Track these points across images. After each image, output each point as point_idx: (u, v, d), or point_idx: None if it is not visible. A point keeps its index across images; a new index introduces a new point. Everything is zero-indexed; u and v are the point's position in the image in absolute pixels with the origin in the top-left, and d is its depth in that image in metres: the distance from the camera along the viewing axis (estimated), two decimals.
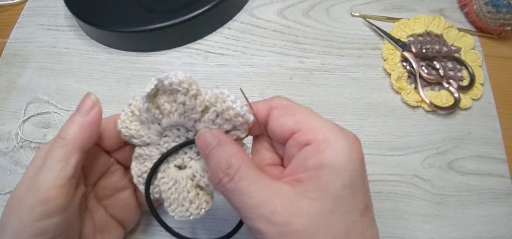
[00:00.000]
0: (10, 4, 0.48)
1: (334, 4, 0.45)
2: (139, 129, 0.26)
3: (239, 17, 0.45)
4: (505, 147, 0.36)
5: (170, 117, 0.24)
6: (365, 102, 0.39)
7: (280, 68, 0.41)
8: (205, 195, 0.26)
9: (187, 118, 0.24)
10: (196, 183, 0.25)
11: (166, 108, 0.24)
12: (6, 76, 0.43)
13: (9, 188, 0.36)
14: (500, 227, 0.33)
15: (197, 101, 0.24)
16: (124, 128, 0.26)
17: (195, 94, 0.23)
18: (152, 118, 0.25)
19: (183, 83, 0.23)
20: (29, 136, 0.39)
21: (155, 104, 0.25)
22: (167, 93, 0.24)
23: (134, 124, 0.26)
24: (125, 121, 0.26)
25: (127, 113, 0.26)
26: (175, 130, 0.26)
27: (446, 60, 0.40)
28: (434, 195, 0.34)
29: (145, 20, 0.41)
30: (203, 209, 0.25)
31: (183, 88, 0.23)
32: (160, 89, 0.24)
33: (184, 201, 0.25)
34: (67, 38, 0.45)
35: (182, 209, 0.25)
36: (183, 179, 0.25)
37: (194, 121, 0.25)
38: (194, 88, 0.23)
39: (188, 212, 0.25)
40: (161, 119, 0.25)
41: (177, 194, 0.25)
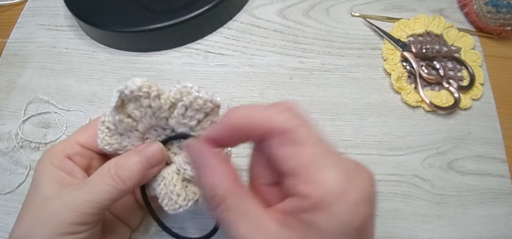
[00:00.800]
0: (10, 4, 0.48)
1: (334, 4, 0.45)
2: (121, 140, 0.27)
3: (239, 17, 0.45)
4: (505, 147, 0.36)
5: (143, 121, 0.25)
6: (365, 102, 0.39)
7: (280, 68, 0.41)
8: (193, 186, 0.26)
9: (158, 118, 0.25)
10: (182, 177, 0.26)
11: (136, 115, 0.25)
12: (6, 76, 0.43)
13: (9, 188, 0.36)
14: (500, 227, 0.33)
15: (161, 100, 0.24)
16: (106, 145, 0.27)
17: (157, 95, 0.24)
18: (128, 128, 0.26)
19: (142, 87, 0.24)
20: (29, 136, 0.39)
21: (125, 114, 0.25)
22: (132, 101, 0.25)
23: (114, 138, 0.27)
24: (105, 138, 0.27)
25: (103, 130, 0.27)
26: (153, 131, 0.27)
27: (446, 60, 0.40)
28: (434, 195, 0.34)
29: (145, 20, 0.41)
30: (191, 200, 0.26)
31: (143, 93, 0.24)
32: (125, 99, 0.25)
33: (172, 195, 0.26)
34: (67, 38, 0.45)
35: (171, 202, 0.26)
36: (169, 174, 0.26)
37: (166, 119, 0.25)
38: (154, 89, 0.24)
39: (177, 205, 0.26)
40: (136, 126, 0.26)
41: (166, 189, 0.26)
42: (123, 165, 0.25)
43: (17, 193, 0.36)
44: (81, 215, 0.23)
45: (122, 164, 0.25)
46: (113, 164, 0.25)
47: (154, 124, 0.26)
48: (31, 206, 0.25)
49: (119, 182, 0.24)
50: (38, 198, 0.25)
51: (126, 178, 0.24)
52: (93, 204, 0.24)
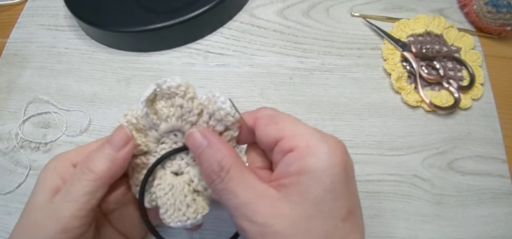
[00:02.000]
0: (10, 4, 0.48)
1: (334, 4, 0.45)
2: (136, 137, 0.26)
3: (239, 17, 0.45)
4: (505, 147, 0.36)
5: (168, 121, 0.25)
6: (365, 102, 0.39)
7: (280, 68, 0.41)
8: (203, 200, 0.26)
9: (185, 121, 0.25)
10: (194, 188, 0.26)
11: (164, 113, 0.25)
12: (6, 76, 0.43)
13: (9, 188, 0.36)
14: (500, 227, 0.33)
15: (194, 103, 0.25)
16: None
17: (192, 97, 0.25)
18: (150, 124, 0.26)
19: (181, 86, 0.24)
20: (29, 136, 0.39)
21: (153, 110, 0.25)
22: (165, 98, 0.25)
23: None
24: None
25: (123, 123, 0.26)
26: (172, 135, 0.26)
27: (446, 60, 0.40)
28: (434, 195, 0.34)
29: (145, 20, 0.41)
30: (200, 213, 0.25)
31: (181, 91, 0.24)
32: (158, 94, 0.25)
33: (181, 206, 0.25)
34: (67, 38, 0.45)
35: (179, 214, 0.25)
36: (180, 184, 0.25)
37: (191, 125, 0.25)
38: (191, 91, 0.25)
39: (185, 217, 0.25)
40: (159, 125, 0.25)
41: (173, 199, 0.25)
42: (91, 157, 0.25)
43: (17, 193, 0.36)
44: (63, 219, 0.23)
45: (90, 156, 0.25)
46: (84, 160, 0.25)
47: (177, 126, 0.25)
48: (24, 212, 0.25)
49: (89, 173, 0.24)
50: (30, 205, 0.25)
51: (95, 167, 0.24)
52: (72, 205, 0.23)
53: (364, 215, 0.33)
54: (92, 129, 0.39)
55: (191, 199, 0.25)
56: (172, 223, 0.25)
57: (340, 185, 0.21)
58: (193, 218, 0.25)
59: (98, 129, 0.39)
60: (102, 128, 0.39)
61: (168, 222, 0.25)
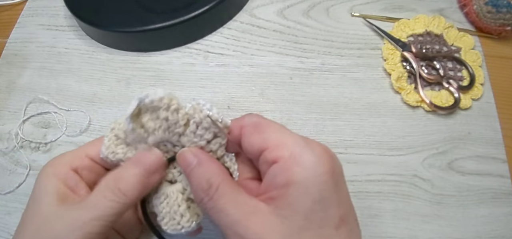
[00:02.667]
0: (10, 4, 0.48)
1: (334, 4, 0.45)
2: (126, 151, 0.26)
3: (239, 17, 0.45)
4: (505, 147, 0.36)
5: (155, 134, 0.25)
6: (365, 102, 0.39)
7: (280, 68, 0.41)
8: (196, 208, 0.26)
9: (171, 133, 0.25)
10: (187, 196, 0.26)
11: (150, 126, 0.25)
12: (6, 76, 0.43)
13: (9, 188, 0.36)
14: (500, 227, 0.33)
15: (179, 115, 0.24)
16: (111, 153, 0.26)
17: (176, 109, 0.24)
18: (138, 138, 0.25)
19: (163, 99, 0.24)
20: (29, 136, 0.39)
21: (139, 123, 0.25)
22: (149, 111, 0.24)
23: (120, 148, 0.26)
24: (111, 146, 0.26)
25: (111, 138, 0.26)
26: (162, 146, 0.26)
27: (446, 60, 0.40)
28: (434, 195, 0.34)
29: (145, 20, 0.41)
30: (194, 221, 0.25)
31: (164, 104, 0.24)
32: (142, 108, 0.24)
33: (175, 215, 0.25)
34: (67, 38, 0.45)
35: (173, 222, 0.25)
36: (174, 193, 0.25)
37: (179, 135, 0.25)
38: (174, 103, 0.24)
39: (180, 225, 0.25)
40: (147, 138, 0.25)
41: (168, 208, 0.25)
42: (122, 177, 0.24)
43: (17, 193, 0.36)
44: (86, 235, 0.22)
45: (121, 176, 0.24)
46: (112, 177, 0.24)
47: (165, 138, 0.25)
48: (32, 222, 0.24)
49: (120, 196, 0.23)
50: (38, 215, 0.24)
51: (127, 190, 0.23)
52: (97, 222, 0.23)
53: (364, 215, 0.33)
54: (92, 129, 0.39)
55: (184, 208, 0.25)
56: (168, 230, 0.26)
57: (329, 194, 0.21)
58: (187, 227, 0.25)
59: (98, 129, 0.39)
60: (102, 128, 0.39)
61: (165, 229, 0.26)
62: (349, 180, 0.35)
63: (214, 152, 0.25)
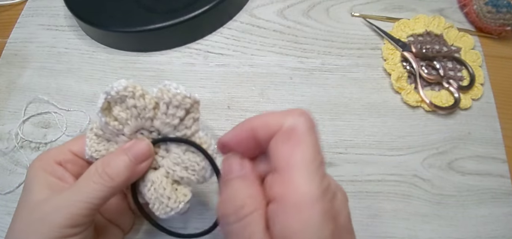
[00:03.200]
0: (10, 4, 0.48)
1: (334, 4, 0.45)
2: (108, 147, 0.27)
3: (239, 17, 0.45)
4: (505, 147, 0.36)
5: (129, 124, 0.26)
6: (365, 102, 0.39)
7: (280, 68, 0.41)
8: (183, 188, 0.27)
9: (143, 119, 0.26)
10: (172, 179, 0.27)
11: (122, 117, 0.25)
12: (6, 76, 0.43)
13: (9, 188, 0.36)
14: (500, 227, 0.33)
15: (146, 100, 0.25)
16: (94, 152, 0.27)
17: (141, 94, 0.25)
18: (115, 132, 0.26)
19: (128, 87, 0.24)
20: (29, 136, 0.39)
21: (112, 117, 0.26)
22: (118, 103, 0.25)
23: (102, 145, 0.27)
24: (93, 145, 0.27)
25: (91, 138, 0.27)
26: (139, 135, 0.27)
27: (446, 60, 0.40)
28: (434, 195, 0.34)
29: (145, 20, 0.41)
30: (182, 202, 0.26)
31: (129, 92, 0.25)
32: (111, 101, 0.25)
33: (163, 198, 0.26)
34: (67, 38, 0.45)
35: (162, 206, 0.26)
36: (158, 178, 0.26)
37: (151, 120, 0.26)
38: (138, 89, 0.25)
39: (169, 208, 0.26)
40: (123, 129, 0.26)
41: (156, 193, 0.26)
42: (110, 163, 0.25)
43: (17, 193, 0.36)
44: (72, 216, 0.23)
45: (109, 162, 0.25)
46: (100, 163, 0.25)
47: (140, 126, 0.26)
48: (23, 210, 0.25)
49: (107, 180, 0.24)
50: (29, 202, 0.25)
51: (114, 174, 0.24)
52: (83, 204, 0.24)
53: (364, 215, 0.33)
54: None
55: (170, 191, 0.26)
56: (160, 215, 0.26)
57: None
58: (175, 207, 0.26)
59: None
60: None
61: (158, 215, 0.26)
62: (349, 180, 0.35)
63: (189, 127, 0.26)
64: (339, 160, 0.36)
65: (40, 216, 0.24)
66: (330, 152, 0.36)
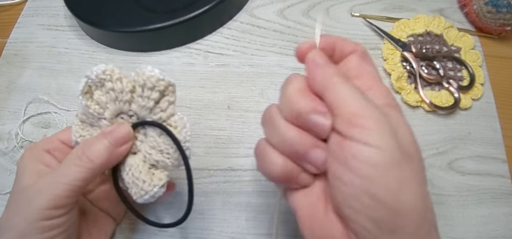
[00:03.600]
0: (10, 4, 0.48)
1: (334, 4, 0.45)
2: (92, 132, 0.28)
3: (239, 17, 0.45)
4: (505, 147, 0.36)
5: (109, 107, 0.27)
6: None
7: (280, 68, 0.41)
8: (159, 172, 0.27)
9: (121, 102, 0.26)
10: (149, 163, 0.27)
11: (102, 101, 0.27)
12: (6, 76, 0.43)
13: (9, 188, 0.36)
14: (500, 227, 0.33)
15: (123, 83, 0.26)
16: (78, 137, 0.28)
17: (119, 78, 0.26)
18: (96, 116, 0.27)
19: (106, 71, 0.26)
20: (29, 136, 0.39)
21: (94, 101, 0.27)
22: (99, 87, 0.27)
23: (86, 131, 0.28)
24: (78, 131, 0.28)
25: (76, 124, 0.28)
26: (119, 119, 0.27)
27: (446, 60, 0.40)
28: (434, 195, 0.34)
29: (145, 20, 0.41)
30: (156, 186, 0.26)
31: (107, 75, 0.26)
32: (92, 85, 0.27)
33: (138, 181, 0.26)
34: (67, 38, 0.45)
35: (137, 189, 0.26)
36: (136, 162, 0.27)
37: (129, 103, 0.27)
38: (116, 72, 0.26)
39: (143, 191, 0.26)
40: (104, 113, 0.27)
41: (133, 177, 0.27)
42: (90, 146, 0.26)
43: None
44: (55, 198, 0.24)
45: (89, 146, 0.26)
46: (81, 146, 0.26)
47: (118, 110, 0.27)
48: (12, 196, 0.27)
49: (87, 161, 0.25)
50: (18, 188, 0.27)
51: (94, 156, 0.25)
52: (65, 186, 0.25)
53: None
54: None
55: (146, 174, 0.26)
56: (138, 200, 0.27)
57: None
58: (150, 191, 0.26)
59: None
60: None
61: (135, 199, 0.27)
62: None
63: (164, 110, 0.26)
64: None
65: (25, 199, 0.25)
66: None
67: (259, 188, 0.35)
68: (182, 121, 0.26)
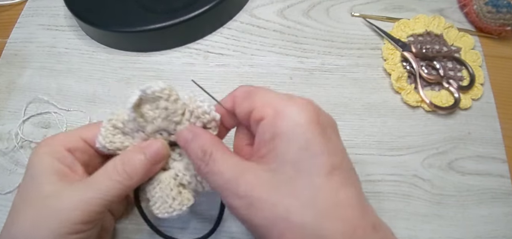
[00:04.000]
0: (10, 4, 0.48)
1: (334, 4, 0.45)
2: (123, 140, 0.27)
3: (239, 17, 0.45)
4: (505, 147, 0.36)
5: (154, 123, 0.26)
6: (365, 102, 0.39)
7: (280, 68, 0.41)
8: (187, 193, 0.28)
9: (170, 121, 0.26)
10: (179, 182, 0.27)
11: (150, 115, 0.26)
12: (6, 76, 0.43)
13: (9, 188, 0.36)
14: (500, 227, 0.33)
15: (177, 104, 0.26)
16: (108, 142, 0.27)
17: (176, 99, 0.26)
18: (136, 127, 0.27)
19: (165, 90, 0.26)
20: (29, 136, 0.39)
21: (139, 113, 0.26)
22: (149, 101, 0.26)
23: (117, 137, 0.27)
24: (108, 135, 0.27)
25: (107, 128, 0.27)
26: (158, 135, 0.27)
27: (446, 60, 0.40)
28: (434, 195, 0.34)
29: (145, 20, 0.41)
30: (185, 205, 0.27)
31: (165, 94, 0.26)
32: (143, 99, 0.26)
33: (168, 198, 0.27)
34: (67, 38, 0.45)
35: (165, 206, 0.27)
36: (167, 178, 0.27)
37: (176, 124, 0.27)
38: (174, 93, 0.26)
39: (171, 208, 0.27)
40: (146, 126, 0.27)
41: (161, 192, 0.27)
42: (129, 162, 0.25)
43: None
44: (88, 213, 0.23)
45: (128, 160, 0.25)
46: (119, 160, 0.25)
47: (162, 127, 0.27)
48: (32, 202, 0.24)
49: (126, 178, 0.25)
50: (38, 193, 0.24)
51: (133, 173, 0.25)
52: (100, 201, 0.24)
53: None
54: None
55: (176, 192, 0.27)
56: (160, 215, 0.27)
57: (315, 141, 0.21)
58: (178, 210, 0.27)
59: None
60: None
61: (157, 213, 0.27)
62: None
63: None
64: None
65: (53, 211, 0.23)
66: None
67: None
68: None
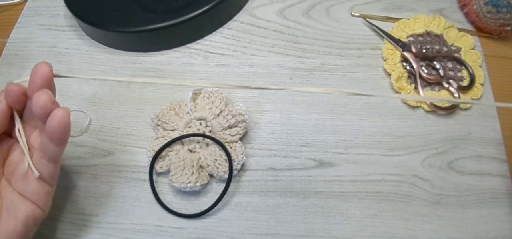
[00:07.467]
0: (10, 4, 0.48)
1: (334, 4, 0.45)
2: (172, 118, 0.36)
3: (239, 17, 0.45)
4: (505, 147, 0.36)
5: (200, 111, 0.36)
6: (365, 102, 0.39)
7: (280, 68, 0.41)
8: (205, 175, 0.34)
9: (212, 114, 0.35)
10: (200, 164, 0.34)
11: (199, 104, 0.36)
12: (6, 76, 0.43)
13: None
14: (500, 227, 0.33)
15: (222, 103, 0.36)
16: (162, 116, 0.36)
17: (222, 98, 0.36)
18: (187, 109, 0.36)
19: (218, 91, 0.36)
20: None
21: (194, 101, 0.37)
22: (203, 96, 0.37)
23: (169, 115, 0.36)
24: (165, 112, 0.36)
25: (166, 107, 0.37)
26: (198, 123, 0.35)
27: (446, 60, 0.40)
28: (434, 195, 0.34)
29: (145, 20, 0.41)
30: (200, 183, 0.33)
31: (217, 93, 0.36)
32: (201, 93, 0.37)
33: (187, 172, 0.33)
34: (67, 38, 0.45)
35: (184, 178, 0.33)
36: (191, 158, 0.34)
37: (214, 116, 0.35)
38: (223, 95, 0.36)
39: (188, 180, 0.33)
40: (194, 111, 0.36)
41: (183, 166, 0.33)
42: None
43: None
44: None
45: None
46: None
47: (204, 116, 0.35)
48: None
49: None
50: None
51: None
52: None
53: (364, 215, 0.33)
54: (92, 129, 0.39)
55: (196, 170, 0.33)
56: (176, 184, 0.33)
57: None
58: (193, 184, 0.33)
59: (98, 129, 0.39)
60: (102, 128, 0.39)
61: (173, 183, 0.33)
62: (349, 180, 0.35)
63: (233, 135, 0.35)
64: (339, 160, 0.36)
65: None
66: (330, 152, 0.36)
67: (259, 188, 0.35)
68: (241, 149, 0.34)
